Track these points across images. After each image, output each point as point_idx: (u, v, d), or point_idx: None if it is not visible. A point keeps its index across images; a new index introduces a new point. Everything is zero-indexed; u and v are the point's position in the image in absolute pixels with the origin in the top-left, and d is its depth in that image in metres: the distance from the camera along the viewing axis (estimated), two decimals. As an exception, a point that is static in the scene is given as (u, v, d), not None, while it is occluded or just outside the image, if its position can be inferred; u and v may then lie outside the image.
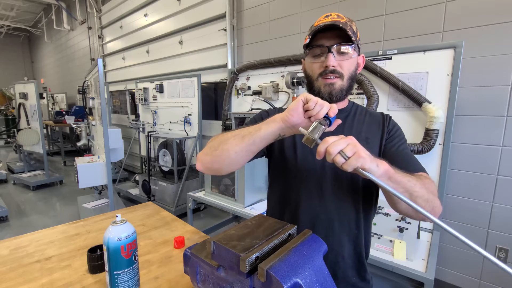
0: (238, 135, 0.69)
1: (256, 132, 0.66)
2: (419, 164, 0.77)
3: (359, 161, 0.54)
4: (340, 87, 0.78)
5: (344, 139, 0.56)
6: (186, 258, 0.64)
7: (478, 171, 1.78)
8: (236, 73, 2.82)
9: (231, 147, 0.69)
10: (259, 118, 0.87)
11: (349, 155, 0.54)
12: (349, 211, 0.80)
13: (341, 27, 0.72)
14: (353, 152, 0.55)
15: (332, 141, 0.55)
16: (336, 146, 0.55)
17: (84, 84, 3.69)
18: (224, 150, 0.70)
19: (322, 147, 0.56)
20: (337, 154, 0.54)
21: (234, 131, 0.72)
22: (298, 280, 0.47)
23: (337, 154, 0.54)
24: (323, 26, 0.73)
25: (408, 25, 1.96)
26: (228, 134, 0.72)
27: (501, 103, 1.67)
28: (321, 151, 0.56)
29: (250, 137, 0.67)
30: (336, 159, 0.55)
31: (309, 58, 0.81)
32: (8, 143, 6.93)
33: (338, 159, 0.54)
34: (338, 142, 0.55)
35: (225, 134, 0.73)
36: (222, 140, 0.72)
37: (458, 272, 1.92)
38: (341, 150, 0.55)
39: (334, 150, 0.55)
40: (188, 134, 3.47)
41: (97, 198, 3.42)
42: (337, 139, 0.56)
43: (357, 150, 0.55)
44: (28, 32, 10.00)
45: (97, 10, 5.58)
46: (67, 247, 1.00)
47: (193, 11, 3.57)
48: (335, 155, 0.54)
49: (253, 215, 0.69)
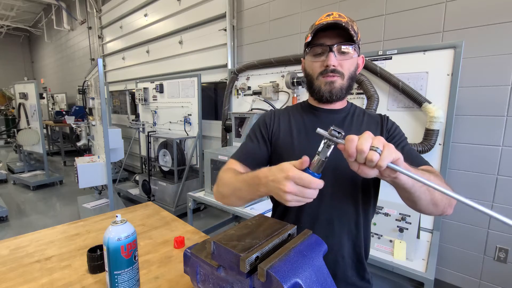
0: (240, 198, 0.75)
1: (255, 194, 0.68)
2: (423, 158, 0.78)
3: (392, 152, 0.48)
4: (340, 86, 0.78)
5: (365, 133, 0.50)
6: (186, 258, 0.64)
7: (478, 171, 1.78)
8: (236, 73, 2.82)
9: (234, 202, 0.78)
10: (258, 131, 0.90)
11: (381, 148, 0.48)
12: (349, 211, 0.80)
13: (343, 26, 0.72)
14: (382, 143, 0.49)
15: (357, 138, 0.49)
16: (366, 141, 0.48)
17: (84, 84, 3.69)
18: (232, 203, 0.79)
19: (351, 146, 0.49)
20: (370, 150, 0.48)
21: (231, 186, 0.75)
22: (298, 280, 0.47)
23: (370, 150, 0.48)
24: (325, 24, 0.72)
25: (408, 25, 1.96)
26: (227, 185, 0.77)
27: (501, 103, 1.67)
28: (351, 150, 0.49)
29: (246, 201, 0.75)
30: (370, 156, 0.47)
31: (309, 56, 0.80)
32: (8, 143, 6.94)
33: (373, 156, 0.47)
34: (365, 137, 0.49)
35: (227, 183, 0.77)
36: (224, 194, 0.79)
37: (458, 272, 1.92)
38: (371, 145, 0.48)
39: (365, 146, 0.48)
40: (188, 134, 3.47)
41: (97, 198, 3.42)
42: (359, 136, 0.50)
43: (384, 141, 0.49)
44: (28, 32, 10.00)
45: (97, 10, 5.58)
46: (67, 247, 1.00)
47: (193, 11, 3.57)
48: (368, 152, 0.48)
49: (253, 215, 0.69)
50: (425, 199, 0.62)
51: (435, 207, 0.64)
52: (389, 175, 0.53)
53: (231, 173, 0.78)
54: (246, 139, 0.91)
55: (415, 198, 0.63)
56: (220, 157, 2.19)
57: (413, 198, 0.63)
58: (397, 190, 0.63)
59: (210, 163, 2.27)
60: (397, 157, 0.49)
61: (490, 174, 1.74)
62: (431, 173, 0.65)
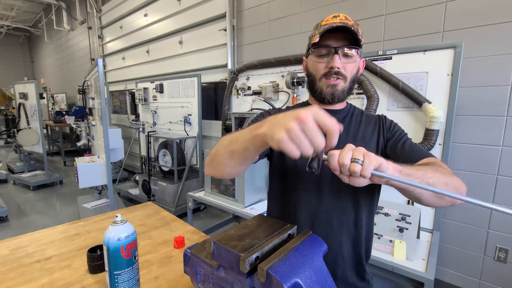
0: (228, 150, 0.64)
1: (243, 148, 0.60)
2: (426, 151, 0.77)
3: (372, 160, 0.50)
4: (342, 89, 0.79)
5: (346, 147, 0.52)
6: (186, 258, 0.64)
7: (478, 171, 1.78)
8: (236, 73, 2.82)
9: (225, 162, 0.66)
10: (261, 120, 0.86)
11: (361, 159, 0.50)
12: (348, 210, 0.80)
13: (352, 30, 0.72)
14: (362, 154, 0.51)
15: (338, 153, 0.52)
16: (346, 154, 0.51)
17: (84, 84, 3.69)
18: (220, 164, 0.68)
19: (333, 161, 0.51)
20: (351, 162, 0.50)
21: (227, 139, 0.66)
22: (298, 280, 0.47)
23: (351, 162, 0.50)
24: (334, 26, 0.72)
25: (408, 25, 1.96)
26: (222, 143, 0.67)
27: (501, 103, 1.67)
28: (334, 165, 0.52)
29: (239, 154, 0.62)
30: (352, 167, 0.50)
31: (313, 57, 0.80)
32: (8, 143, 6.94)
33: (355, 167, 0.50)
34: (346, 150, 0.51)
35: (221, 142, 0.68)
36: (217, 151, 0.68)
37: (458, 272, 1.92)
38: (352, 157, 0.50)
39: (346, 159, 0.50)
40: (188, 134, 3.47)
41: (97, 198, 3.42)
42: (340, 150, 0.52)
43: (363, 151, 0.51)
44: (28, 32, 10.00)
45: (97, 10, 5.58)
46: (67, 247, 1.00)
47: (193, 11, 3.57)
48: (350, 164, 0.50)
49: (253, 215, 0.69)
50: (426, 194, 0.62)
51: (441, 199, 0.63)
52: (379, 180, 0.54)
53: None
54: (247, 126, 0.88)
55: (417, 195, 0.63)
56: (220, 157, 2.19)
57: (414, 195, 0.63)
58: (398, 190, 0.63)
59: (210, 163, 2.27)
60: (378, 163, 0.51)
61: (490, 174, 1.74)
62: (429, 167, 0.64)
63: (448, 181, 0.62)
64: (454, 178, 0.64)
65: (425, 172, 0.60)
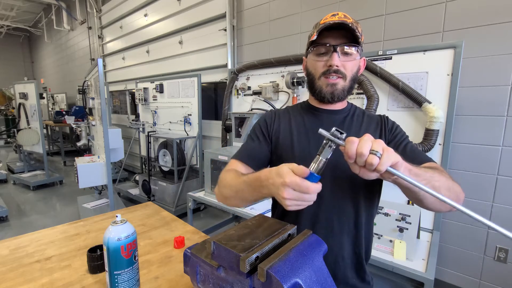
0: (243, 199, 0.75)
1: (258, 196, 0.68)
2: (427, 155, 0.78)
3: (391, 156, 0.48)
4: (342, 88, 0.78)
5: (365, 136, 0.50)
6: (186, 258, 0.64)
7: (478, 171, 1.78)
8: (236, 73, 2.82)
9: (237, 203, 0.77)
10: (258, 131, 0.89)
11: (380, 152, 0.48)
12: (348, 210, 0.80)
13: (349, 27, 0.71)
14: (382, 148, 0.48)
15: (357, 140, 0.49)
16: (366, 144, 0.48)
17: (84, 84, 3.69)
18: (235, 204, 0.78)
19: (351, 148, 0.49)
20: (370, 154, 0.48)
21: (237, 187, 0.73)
22: (298, 280, 0.47)
23: (370, 154, 0.48)
24: (332, 24, 0.72)
25: (408, 25, 1.96)
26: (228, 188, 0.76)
27: (501, 103, 1.67)
28: (351, 152, 0.49)
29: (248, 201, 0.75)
30: (370, 160, 0.48)
31: (312, 55, 0.80)
32: (8, 143, 6.93)
33: (373, 159, 0.48)
34: (364, 139, 0.49)
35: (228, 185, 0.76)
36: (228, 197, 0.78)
37: (458, 272, 1.92)
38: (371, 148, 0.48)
39: (365, 149, 0.48)
40: (188, 134, 3.47)
41: (97, 198, 3.42)
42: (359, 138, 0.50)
43: (384, 145, 0.49)
44: (28, 32, 10.00)
45: (97, 10, 5.58)
46: (67, 247, 1.00)
47: (193, 11, 3.57)
48: (368, 155, 0.48)
49: (253, 215, 0.69)
50: (430, 197, 0.62)
51: (442, 204, 0.63)
52: (389, 177, 0.54)
53: (233, 174, 0.76)
54: (247, 139, 0.91)
55: (420, 197, 0.63)
56: (220, 157, 2.19)
57: (418, 197, 0.63)
58: (401, 189, 0.63)
59: (210, 163, 2.27)
60: (396, 160, 0.50)
61: (490, 174, 1.74)
62: (435, 170, 0.64)
63: (451, 187, 0.63)
64: (455, 185, 0.65)
65: (432, 175, 0.60)
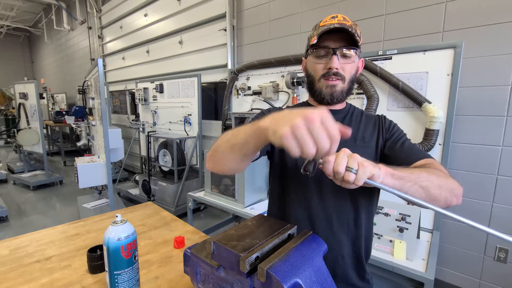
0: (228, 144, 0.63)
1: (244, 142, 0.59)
2: (424, 152, 0.77)
3: (366, 171, 0.50)
4: (341, 90, 0.79)
5: (341, 152, 0.52)
6: (186, 258, 0.64)
7: (478, 171, 1.78)
8: (236, 73, 2.82)
9: (225, 156, 0.65)
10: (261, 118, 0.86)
11: (356, 168, 0.50)
12: (348, 210, 0.80)
13: (349, 31, 0.72)
14: (356, 163, 0.50)
15: (334, 159, 0.51)
16: (341, 162, 0.50)
17: (84, 84, 3.69)
18: (220, 159, 0.67)
19: (328, 168, 0.51)
20: (346, 171, 0.50)
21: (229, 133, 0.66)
22: (298, 280, 0.47)
23: (346, 171, 0.50)
24: (332, 28, 0.73)
25: (408, 25, 1.96)
26: (224, 137, 0.66)
27: (501, 103, 1.67)
28: (329, 171, 0.52)
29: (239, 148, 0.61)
30: (346, 177, 0.50)
31: (312, 57, 0.81)
32: (8, 143, 6.93)
33: (349, 177, 0.50)
34: (340, 157, 0.51)
35: (223, 137, 0.68)
36: (218, 146, 0.67)
37: (458, 272, 1.92)
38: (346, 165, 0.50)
39: (341, 167, 0.50)
40: (188, 134, 3.47)
41: (97, 198, 3.42)
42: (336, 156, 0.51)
43: (358, 159, 0.51)
44: (28, 32, 10.00)
45: (97, 10, 5.58)
46: (67, 247, 1.00)
47: (193, 11, 3.57)
48: (344, 173, 0.50)
49: (253, 215, 0.69)
50: (420, 197, 0.62)
51: (435, 202, 0.63)
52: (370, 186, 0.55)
53: None
54: None
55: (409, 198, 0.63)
56: (220, 157, 2.19)
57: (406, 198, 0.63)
58: None
59: (210, 163, 2.27)
60: (372, 173, 0.51)
61: (490, 174, 1.74)
62: (424, 169, 0.64)
63: (442, 184, 0.62)
64: (449, 180, 0.64)
65: (419, 175, 0.60)
